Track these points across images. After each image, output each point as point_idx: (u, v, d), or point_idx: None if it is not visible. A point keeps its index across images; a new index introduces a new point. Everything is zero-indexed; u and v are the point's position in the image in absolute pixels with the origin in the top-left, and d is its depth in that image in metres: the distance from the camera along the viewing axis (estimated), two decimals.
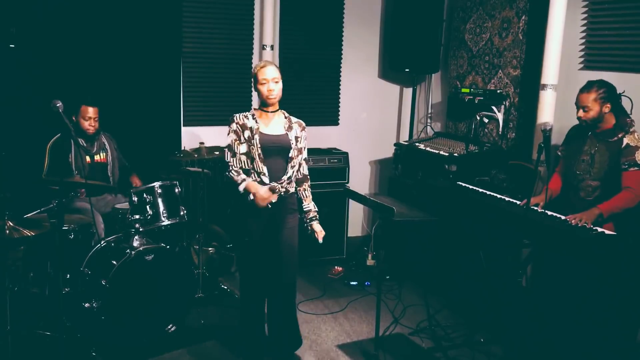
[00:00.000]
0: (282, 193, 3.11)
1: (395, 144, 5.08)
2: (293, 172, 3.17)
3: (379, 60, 5.71)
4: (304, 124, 3.29)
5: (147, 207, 3.66)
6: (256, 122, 3.13)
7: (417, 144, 4.81)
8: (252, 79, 3.14)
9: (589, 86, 3.23)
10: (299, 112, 5.41)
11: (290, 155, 3.14)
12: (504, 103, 4.56)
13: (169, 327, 3.63)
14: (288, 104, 5.34)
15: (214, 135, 4.91)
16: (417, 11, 5.08)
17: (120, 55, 4.51)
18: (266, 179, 3.07)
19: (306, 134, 3.27)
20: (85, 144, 4.04)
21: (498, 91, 4.60)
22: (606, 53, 3.92)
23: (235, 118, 3.16)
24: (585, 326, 3.20)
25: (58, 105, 2.92)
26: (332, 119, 5.59)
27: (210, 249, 4.60)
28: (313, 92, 5.47)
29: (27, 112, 4.15)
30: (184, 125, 4.94)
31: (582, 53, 4.07)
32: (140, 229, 3.62)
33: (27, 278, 3.53)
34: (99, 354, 3.28)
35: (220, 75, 5.04)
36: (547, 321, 3.43)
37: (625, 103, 3.34)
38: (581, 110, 3.25)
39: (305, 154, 3.27)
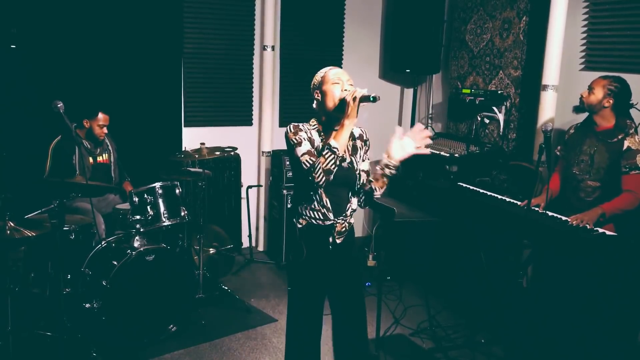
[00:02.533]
0: (347, 229, 2.60)
1: None
2: (358, 202, 2.64)
3: (379, 61, 5.71)
4: (364, 135, 2.67)
5: (148, 207, 3.67)
6: (322, 140, 2.52)
7: None
8: (315, 87, 2.57)
9: (608, 76, 3.27)
10: (299, 112, 5.45)
11: (356, 185, 2.58)
12: (505, 104, 4.56)
13: (170, 327, 3.63)
14: (289, 104, 5.38)
15: (214, 136, 4.92)
16: (418, 12, 5.08)
17: (121, 56, 4.51)
18: (331, 215, 2.52)
19: (368, 148, 2.65)
20: (88, 145, 4.05)
21: (499, 92, 4.60)
22: (607, 54, 3.92)
23: (302, 127, 2.51)
24: (585, 327, 3.19)
25: (59, 105, 2.92)
26: None
27: (210, 249, 4.60)
28: None
29: (28, 112, 4.15)
30: (184, 126, 4.95)
31: (583, 54, 4.07)
32: (141, 230, 3.62)
33: (27, 278, 3.53)
34: (99, 355, 3.28)
35: (221, 75, 5.04)
36: (548, 322, 3.43)
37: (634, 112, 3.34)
38: (586, 91, 3.28)
39: (367, 165, 2.64)
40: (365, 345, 2.76)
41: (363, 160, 2.62)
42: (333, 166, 2.37)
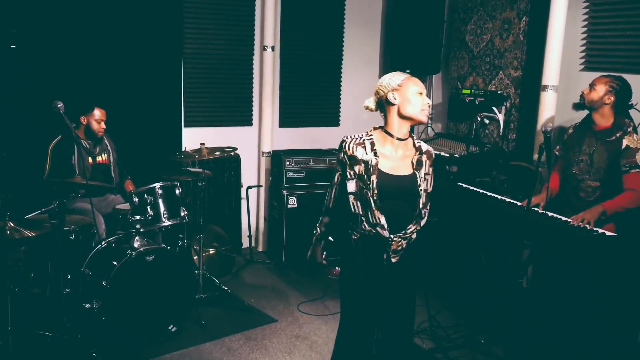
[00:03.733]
0: (404, 247, 2.39)
1: None
2: (421, 221, 2.41)
3: (379, 61, 5.71)
4: (433, 154, 2.50)
5: (148, 207, 3.67)
6: (375, 154, 2.36)
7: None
8: (390, 88, 2.36)
9: (609, 74, 3.27)
10: (299, 113, 5.46)
11: (417, 201, 2.38)
12: (505, 104, 4.57)
13: (170, 327, 3.63)
14: (289, 105, 5.38)
15: (214, 136, 4.92)
16: (418, 12, 5.08)
17: (121, 56, 4.52)
18: (385, 232, 2.34)
19: (431, 162, 2.48)
20: (87, 146, 4.04)
21: (499, 92, 4.61)
22: (607, 54, 3.92)
23: (344, 145, 2.39)
24: (585, 327, 3.19)
25: (59, 105, 2.92)
26: (332, 119, 5.60)
27: (210, 249, 4.60)
28: (314, 93, 5.48)
29: (28, 112, 4.15)
30: (184, 126, 4.95)
31: (583, 54, 4.07)
32: (141, 230, 3.62)
33: (28, 278, 3.53)
34: (99, 355, 3.28)
35: (221, 76, 5.05)
36: (548, 322, 3.43)
37: (633, 113, 3.34)
38: (587, 88, 3.28)
39: (427, 185, 2.44)
40: None
41: (425, 179, 2.42)
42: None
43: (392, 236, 2.35)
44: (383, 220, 2.32)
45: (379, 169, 2.33)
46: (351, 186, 2.37)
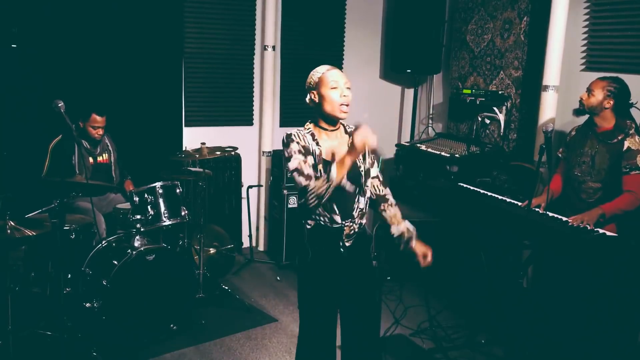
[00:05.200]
0: (357, 230, 2.50)
1: (396, 145, 5.08)
2: (365, 201, 2.53)
3: (380, 61, 5.71)
4: (367, 136, 2.43)
5: (149, 207, 3.67)
6: (317, 144, 2.43)
7: (418, 145, 4.80)
8: (311, 87, 2.46)
9: (605, 77, 3.27)
10: (300, 113, 5.45)
11: (360, 182, 2.47)
12: (506, 104, 4.56)
13: (170, 327, 3.63)
14: (290, 104, 5.38)
15: (215, 136, 4.92)
16: (419, 12, 5.08)
17: (122, 56, 4.52)
18: (338, 218, 2.43)
19: (375, 146, 2.44)
20: (88, 146, 4.05)
21: (499, 92, 4.60)
22: (608, 54, 3.92)
23: (294, 137, 2.39)
24: (586, 327, 3.19)
25: (60, 105, 2.92)
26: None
27: (211, 249, 4.61)
28: None
29: (28, 112, 4.16)
30: (185, 126, 4.95)
31: (584, 54, 4.07)
32: (142, 229, 3.62)
33: (28, 278, 3.53)
34: (99, 354, 3.28)
35: (221, 75, 5.05)
36: (548, 322, 3.43)
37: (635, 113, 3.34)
38: (585, 93, 3.28)
39: (375, 170, 2.59)
40: (375, 356, 2.66)
41: (372, 166, 2.54)
42: (326, 193, 2.29)
43: (344, 222, 2.44)
44: (335, 207, 2.41)
45: (322, 158, 2.41)
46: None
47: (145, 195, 3.67)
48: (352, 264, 2.51)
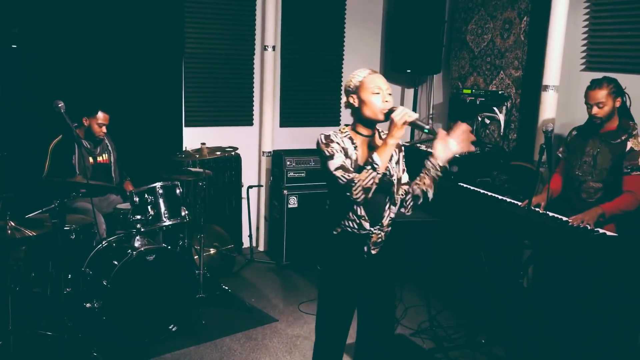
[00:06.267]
0: (384, 239, 2.47)
1: None
2: (397, 210, 2.50)
3: (380, 61, 5.71)
4: (401, 146, 2.52)
5: (149, 207, 3.67)
6: (355, 149, 2.39)
7: (418, 145, 4.80)
8: (350, 91, 2.40)
9: (598, 82, 3.22)
10: (300, 112, 5.46)
11: (391, 190, 2.44)
12: (506, 104, 4.56)
13: (170, 327, 3.64)
14: (290, 105, 5.39)
15: (215, 136, 4.92)
16: (419, 12, 5.08)
17: (122, 56, 4.52)
18: (367, 224, 2.40)
19: (403, 153, 2.53)
20: (88, 146, 4.04)
21: (500, 92, 4.60)
22: (608, 54, 3.92)
23: (333, 137, 2.35)
24: (586, 327, 3.19)
25: (60, 105, 2.92)
26: (333, 119, 5.59)
27: (211, 249, 4.61)
28: (314, 93, 5.48)
29: (29, 112, 4.16)
30: (185, 126, 4.95)
31: (584, 54, 4.07)
32: (142, 229, 3.62)
33: (28, 278, 3.54)
34: (100, 354, 3.28)
35: (221, 76, 5.05)
36: (549, 322, 3.43)
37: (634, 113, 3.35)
38: (595, 107, 3.21)
39: (406, 177, 2.56)
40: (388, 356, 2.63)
41: (403, 173, 2.52)
42: (373, 184, 2.25)
43: (372, 229, 2.41)
44: (364, 212, 2.38)
45: (359, 164, 2.36)
46: None
47: (146, 196, 3.67)
48: (376, 271, 2.48)
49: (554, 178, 3.56)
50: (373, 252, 2.45)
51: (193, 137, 4.86)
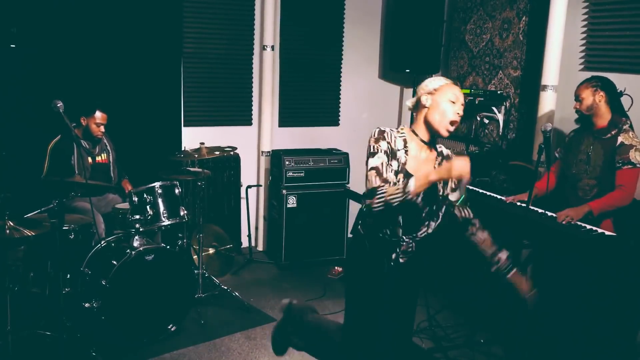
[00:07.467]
0: (414, 250, 2.40)
1: None
2: (436, 227, 2.43)
3: (379, 60, 5.71)
4: (467, 170, 2.23)
5: (148, 207, 3.67)
6: (406, 152, 2.31)
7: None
8: (427, 90, 2.33)
9: (586, 80, 3.34)
10: (299, 112, 5.46)
11: (433, 204, 2.37)
12: (505, 104, 4.56)
13: (169, 327, 3.64)
14: (289, 104, 5.38)
15: (214, 136, 4.92)
16: (418, 12, 5.08)
17: (121, 56, 4.51)
18: (400, 231, 2.34)
19: (467, 180, 2.28)
20: (87, 146, 4.04)
21: (498, 92, 4.61)
22: (606, 54, 3.92)
23: (386, 135, 2.28)
24: (585, 327, 3.20)
25: (59, 105, 2.92)
26: (332, 119, 5.59)
27: (210, 249, 4.61)
28: (313, 93, 5.48)
29: (28, 112, 4.15)
30: (184, 126, 4.95)
31: (583, 54, 4.08)
32: (141, 229, 3.62)
33: (27, 278, 3.53)
34: (99, 354, 3.28)
35: (220, 75, 5.05)
36: (547, 322, 3.43)
37: (625, 101, 3.35)
38: (577, 103, 3.34)
39: (455, 196, 2.49)
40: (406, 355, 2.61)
41: (453, 190, 2.43)
42: (396, 203, 2.16)
43: (404, 237, 2.34)
44: (400, 220, 2.30)
45: (406, 169, 2.27)
46: (390, 178, 2.24)
47: (144, 195, 3.67)
48: (401, 279, 2.43)
49: (544, 177, 3.58)
50: (401, 260, 2.38)
51: (192, 137, 4.86)
